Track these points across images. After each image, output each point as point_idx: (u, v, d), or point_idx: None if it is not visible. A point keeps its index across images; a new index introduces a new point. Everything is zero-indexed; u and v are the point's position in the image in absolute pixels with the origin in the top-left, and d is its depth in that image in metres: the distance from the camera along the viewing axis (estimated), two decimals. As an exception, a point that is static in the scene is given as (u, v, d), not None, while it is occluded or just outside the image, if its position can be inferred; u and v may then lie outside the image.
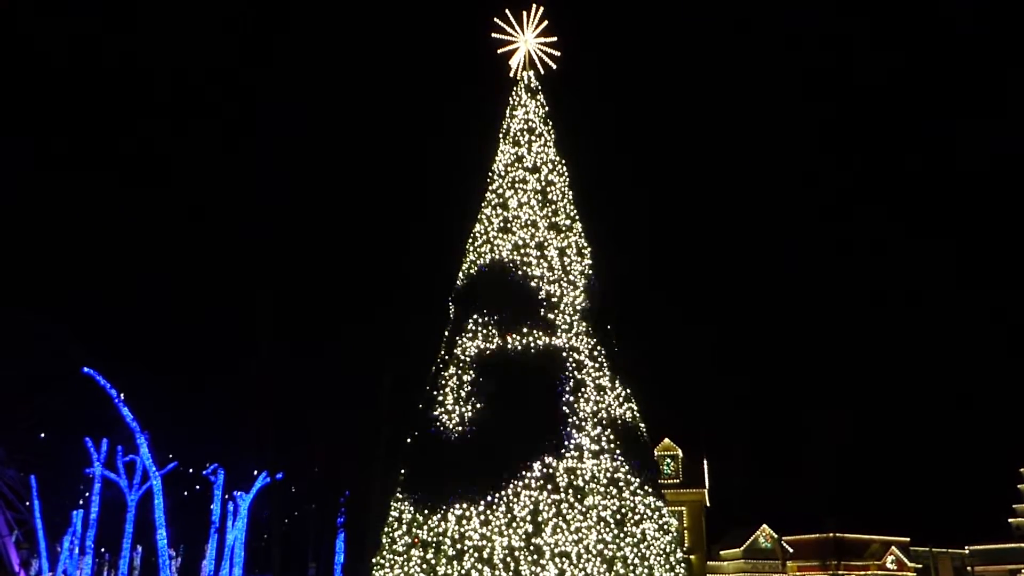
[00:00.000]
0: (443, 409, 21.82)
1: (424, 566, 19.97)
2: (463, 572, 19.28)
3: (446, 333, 23.75)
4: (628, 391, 22.64)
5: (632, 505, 20.53)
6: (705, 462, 53.93)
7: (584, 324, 22.55)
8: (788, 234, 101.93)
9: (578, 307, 22.70)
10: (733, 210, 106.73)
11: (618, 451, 21.06)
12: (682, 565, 21.50)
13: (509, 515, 19.50)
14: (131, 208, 79.75)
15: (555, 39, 26.31)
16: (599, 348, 22.44)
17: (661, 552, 20.59)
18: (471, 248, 24.20)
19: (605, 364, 22.34)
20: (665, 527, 21.32)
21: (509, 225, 23.63)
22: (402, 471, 22.38)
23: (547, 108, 26.00)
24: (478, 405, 21.15)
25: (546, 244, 23.34)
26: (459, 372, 22.13)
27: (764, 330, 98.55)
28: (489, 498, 19.80)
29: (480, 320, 22.43)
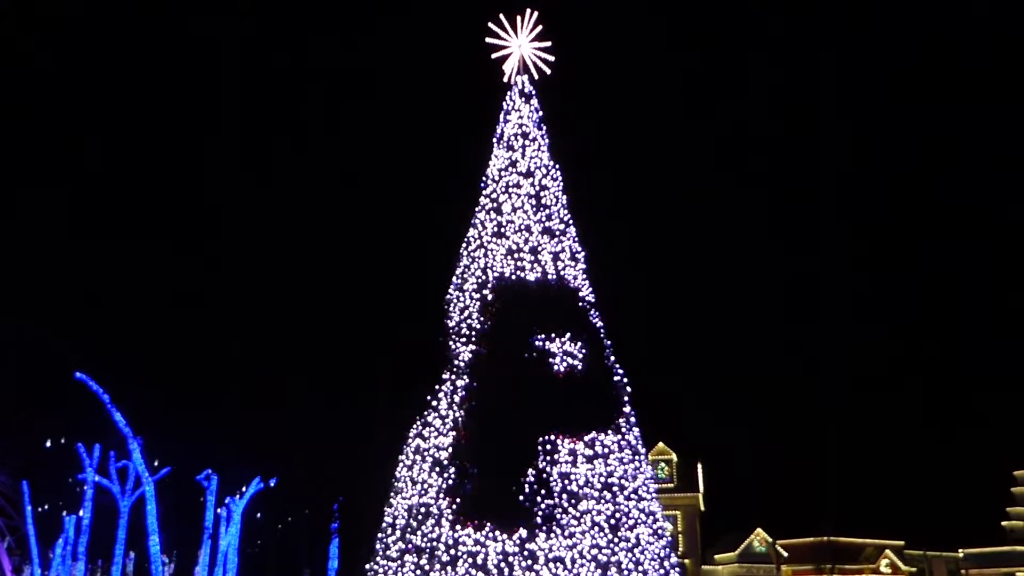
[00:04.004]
0: (437, 414, 21.80)
1: (418, 572, 19.90)
2: (457, 578, 19.22)
3: (440, 338, 23.71)
4: (623, 396, 22.62)
5: (626, 510, 20.49)
6: (700, 466, 53.98)
7: (578, 328, 22.53)
8: (780, 235, 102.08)
9: (572, 312, 22.69)
10: (726, 211, 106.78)
11: (612, 456, 21.04)
12: (677, 570, 21.48)
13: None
14: (126, 211, 79.55)
15: (549, 43, 26.35)
16: (593, 352, 22.42)
17: (655, 557, 20.55)
18: (465, 253, 24.18)
19: (599, 368, 22.32)
20: (659, 532, 21.30)
21: (503, 230, 23.62)
22: (396, 476, 22.32)
23: (541, 112, 26.03)
24: (472, 410, 21.12)
25: (540, 249, 23.35)
26: (453, 377, 22.11)
27: (758, 333, 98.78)
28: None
29: (474, 325, 22.41)
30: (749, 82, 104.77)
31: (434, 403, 22.05)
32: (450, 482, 20.43)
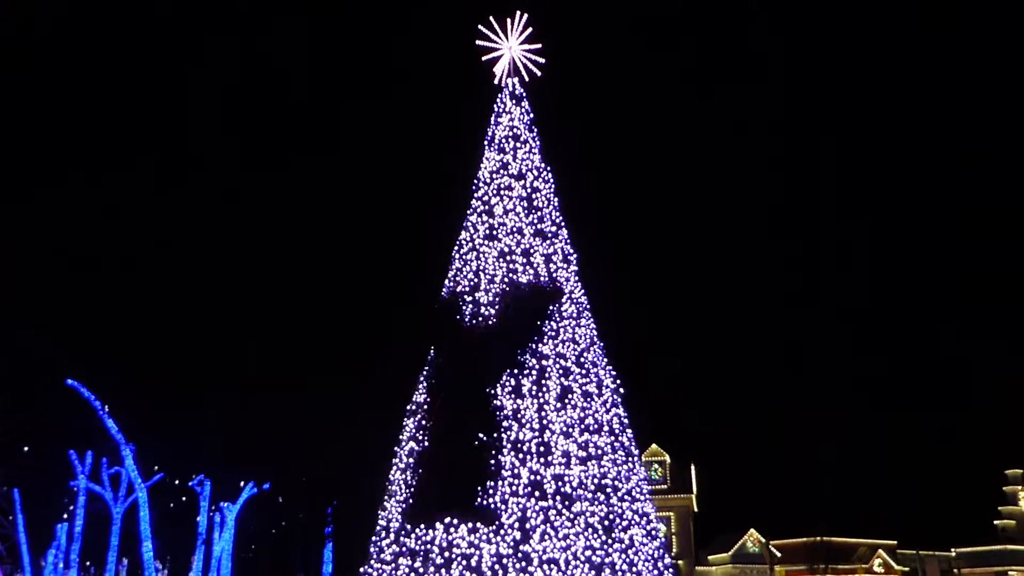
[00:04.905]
0: (431, 417, 21.78)
1: (412, 575, 19.88)
2: (451, 580, 19.20)
3: (434, 340, 23.70)
4: (615, 397, 22.66)
5: (620, 511, 20.53)
6: (693, 468, 54.10)
7: (571, 330, 22.57)
8: (773, 240, 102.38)
9: (564, 314, 22.72)
10: (719, 211, 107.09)
11: (605, 457, 21.08)
12: (670, 571, 21.51)
13: (497, 522, 19.46)
14: (118, 211, 79.28)
15: (540, 46, 26.41)
16: (585, 354, 22.46)
17: (649, 558, 20.59)
18: (457, 255, 24.19)
19: (592, 370, 22.36)
20: (653, 533, 21.33)
21: (495, 232, 23.65)
22: (390, 480, 22.31)
23: (532, 115, 26.07)
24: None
25: (532, 251, 23.37)
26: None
27: (752, 336, 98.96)
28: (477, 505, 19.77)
29: (467, 327, 22.40)
30: (743, 83, 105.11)
31: (427, 405, 22.04)
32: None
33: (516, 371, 21.33)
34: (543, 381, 21.34)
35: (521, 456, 20.27)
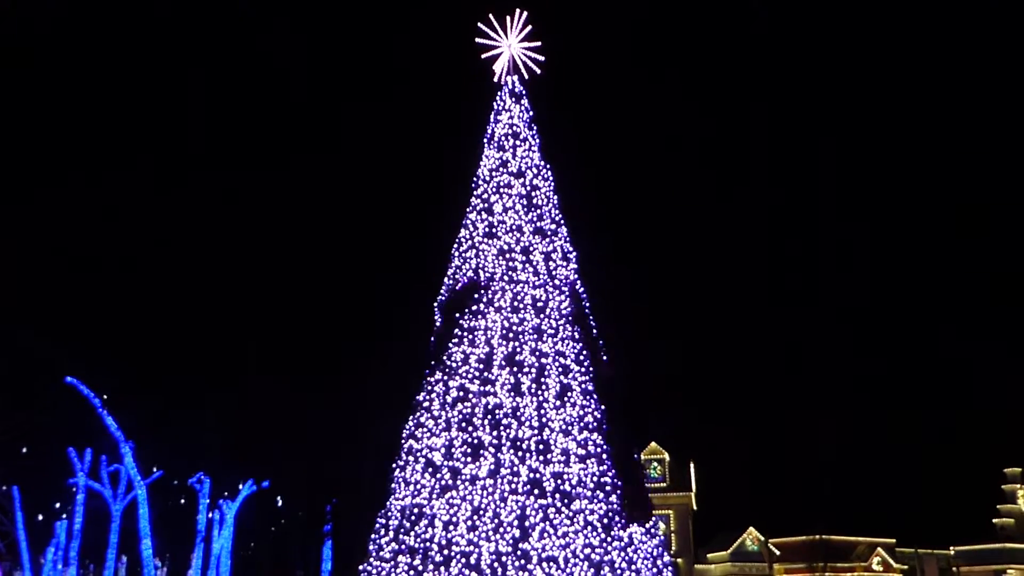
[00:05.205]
0: (430, 415, 21.80)
1: (411, 572, 19.89)
2: (450, 578, 19.22)
3: (432, 338, 23.73)
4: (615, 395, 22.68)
5: (619, 509, 20.54)
6: (692, 466, 54.10)
7: (570, 329, 22.58)
8: (773, 238, 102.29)
9: (564, 312, 22.73)
10: (719, 209, 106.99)
11: (604, 455, 21.09)
12: (669, 569, 21.52)
13: (496, 520, 19.49)
14: (119, 217, 79.24)
15: (539, 43, 26.39)
16: (585, 352, 22.47)
17: (648, 556, 20.59)
18: (456, 253, 24.20)
19: (591, 368, 22.37)
20: (652, 531, 21.34)
21: (494, 230, 23.66)
22: (389, 477, 22.32)
23: (531, 112, 26.07)
24: (465, 410, 21.15)
25: (531, 249, 23.38)
26: (445, 377, 22.11)
27: (752, 335, 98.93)
28: (476, 503, 19.79)
29: (466, 326, 22.41)
30: (743, 81, 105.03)
31: (426, 404, 22.05)
32: (443, 483, 20.45)
33: (515, 369, 21.36)
34: (542, 379, 21.36)
35: (520, 454, 20.29)
